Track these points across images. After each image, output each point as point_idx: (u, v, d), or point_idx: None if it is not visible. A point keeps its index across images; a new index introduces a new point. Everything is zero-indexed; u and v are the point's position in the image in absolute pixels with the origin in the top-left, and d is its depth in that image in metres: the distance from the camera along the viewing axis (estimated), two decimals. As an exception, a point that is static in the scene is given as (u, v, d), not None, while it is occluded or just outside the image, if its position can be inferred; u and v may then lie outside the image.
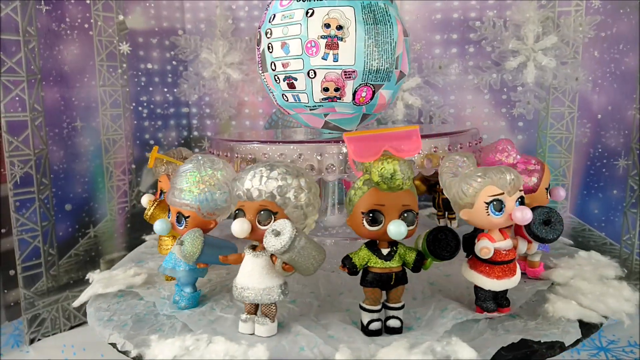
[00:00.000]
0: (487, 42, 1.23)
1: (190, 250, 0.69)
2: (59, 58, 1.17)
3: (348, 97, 0.82)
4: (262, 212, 0.63)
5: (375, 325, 0.64)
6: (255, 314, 0.66)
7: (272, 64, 0.85)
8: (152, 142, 1.37)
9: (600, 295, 0.70)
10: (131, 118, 1.33)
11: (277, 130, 1.35)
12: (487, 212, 0.64)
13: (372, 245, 0.64)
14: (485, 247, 0.65)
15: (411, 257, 0.63)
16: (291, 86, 0.85)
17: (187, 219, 0.73)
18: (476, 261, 0.68)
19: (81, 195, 1.23)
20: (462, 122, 1.29)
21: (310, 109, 0.86)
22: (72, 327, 1.21)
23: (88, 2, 1.21)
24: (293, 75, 0.83)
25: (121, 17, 1.28)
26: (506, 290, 0.69)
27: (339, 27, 0.79)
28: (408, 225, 0.61)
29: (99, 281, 0.84)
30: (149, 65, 1.36)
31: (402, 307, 0.65)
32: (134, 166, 1.33)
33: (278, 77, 0.85)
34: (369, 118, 0.89)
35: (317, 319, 0.69)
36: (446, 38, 1.27)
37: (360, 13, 0.79)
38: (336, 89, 0.82)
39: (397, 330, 0.65)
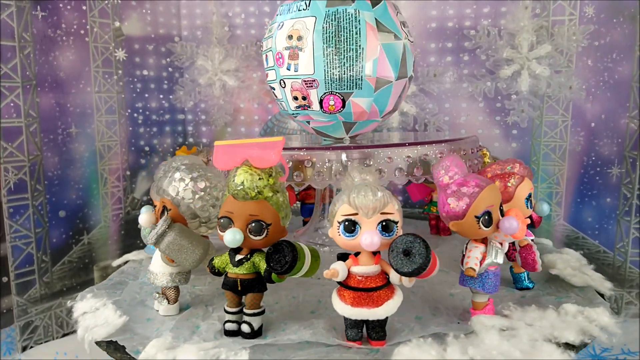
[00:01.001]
0: (482, 51, 1.23)
1: (144, 234, 0.81)
2: (55, 64, 1.17)
3: (316, 106, 0.84)
4: (162, 208, 0.72)
5: (227, 326, 0.67)
6: None
7: (266, 74, 0.90)
8: (147, 148, 1.37)
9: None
10: (126, 124, 1.33)
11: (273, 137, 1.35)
12: (339, 232, 0.61)
13: (232, 251, 0.67)
14: (331, 269, 0.61)
15: (262, 266, 0.64)
16: (275, 95, 0.90)
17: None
18: (339, 283, 0.63)
19: (75, 202, 1.23)
20: (457, 129, 1.29)
21: (295, 116, 0.89)
22: (64, 335, 1.21)
23: (84, 8, 1.21)
24: (272, 85, 0.89)
25: (117, 24, 1.28)
26: (379, 321, 0.62)
27: (299, 38, 0.81)
28: (254, 235, 0.63)
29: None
30: (145, 72, 1.36)
31: (256, 314, 0.66)
32: (128, 172, 1.33)
33: (269, 87, 0.91)
34: (356, 127, 0.88)
35: (213, 312, 0.74)
36: (441, 46, 1.28)
37: (321, 22, 0.80)
38: (303, 98, 0.84)
39: (246, 335, 0.65)
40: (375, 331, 0.63)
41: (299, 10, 0.82)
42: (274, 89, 0.89)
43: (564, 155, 1.23)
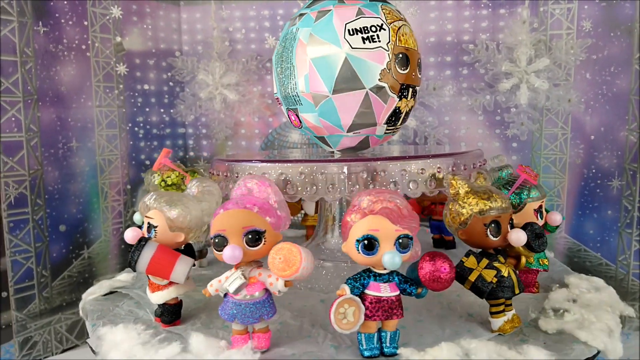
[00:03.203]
0: (481, 65, 1.24)
1: None
2: (56, 79, 1.17)
3: (288, 121, 0.90)
4: None
5: None
6: None
7: None
8: (147, 162, 1.37)
9: None
10: (127, 138, 1.33)
11: (274, 151, 1.35)
12: None
13: None
14: None
15: None
16: None
17: None
18: None
19: (75, 216, 1.22)
20: (457, 142, 1.30)
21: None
22: (64, 350, 1.19)
23: (86, 23, 1.22)
24: None
25: (118, 39, 1.29)
26: (165, 305, 0.76)
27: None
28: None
29: None
30: (146, 86, 1.37)
31: None
32: (129, 186, 1.33)
33: None
34: (334, 142, 0.88)
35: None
36: (440, 60, 1.29)
37: (280, 43, 0.86)
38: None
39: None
40: (163, 314, 0.76)
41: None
42: None
43: (564, 167, 1.23)
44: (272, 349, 0.67)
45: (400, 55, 0.80)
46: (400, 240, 0.61)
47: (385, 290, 0.63)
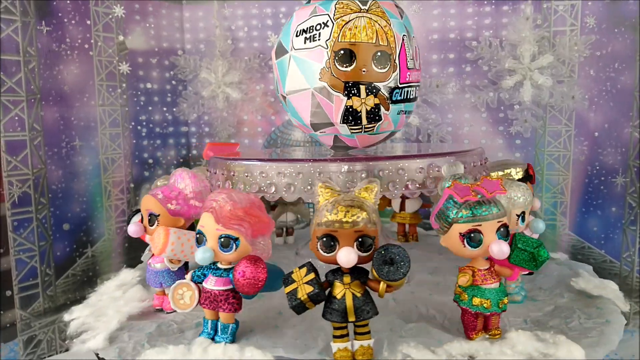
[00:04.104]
0: (484, 62, 1.24)
1: None
2: (59, 78, 1.18)
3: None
4: None
5: None
6: None
7: None
8: (150, 161, 1.37)
9: None
10: (130, 137, 1.33)
11: (276, 149, 1.35)
12: None
13: None
14: None
15: None
16: None
17: None
18: None
19: (79, 215, 1.22)
20: (460, 140, 1.30)
21: None
22: (68, 349, 1.20)
23: (88, 22, 1.22)
24: None
25: (121, 38, 1.29)
26: None
27: None
28: None
29: None
30: (149, 85, 1.37)
31: None
32: (132, 185, 1.33)
33: None
34: (320, 139, 0.89)
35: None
36: (443, 57, 1.29)
37: None
38: None
39: None
40: None
41: None
42: None
43: (567, 164, 1.23)
44: (172, 313, 0.78)
45: (342, 52, 0.76)
46: (222, 240, 0.64)
47: (210, 283, 0.68)
